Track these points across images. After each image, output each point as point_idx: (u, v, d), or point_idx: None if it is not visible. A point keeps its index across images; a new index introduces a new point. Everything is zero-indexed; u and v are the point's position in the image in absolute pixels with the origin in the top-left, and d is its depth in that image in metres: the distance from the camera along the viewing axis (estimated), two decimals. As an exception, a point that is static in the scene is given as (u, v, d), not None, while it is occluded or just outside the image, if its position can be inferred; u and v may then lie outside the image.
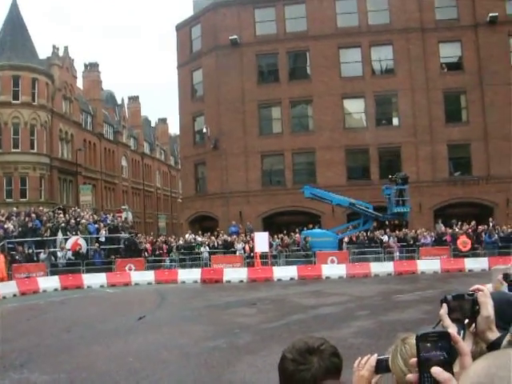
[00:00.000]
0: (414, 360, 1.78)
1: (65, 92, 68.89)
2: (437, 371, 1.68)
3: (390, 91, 50.61)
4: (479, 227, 40.86)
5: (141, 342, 16.38)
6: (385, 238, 40.06)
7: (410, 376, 1.81)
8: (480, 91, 49.25)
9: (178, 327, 18.63)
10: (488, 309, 2.15)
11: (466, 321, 2.17)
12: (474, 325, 2.17)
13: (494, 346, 2.10)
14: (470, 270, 34.47)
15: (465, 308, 2.14)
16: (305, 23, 52.71)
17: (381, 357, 2.61)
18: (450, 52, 51.22)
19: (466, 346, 1.84)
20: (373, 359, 2.64)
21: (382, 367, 2.60)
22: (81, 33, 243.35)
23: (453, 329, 1.96)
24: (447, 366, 1.71)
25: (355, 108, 52.48)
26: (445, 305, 2.09)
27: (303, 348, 2.50)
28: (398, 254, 38.76)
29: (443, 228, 41.56)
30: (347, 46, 51.48)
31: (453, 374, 1.71)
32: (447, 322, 2.03)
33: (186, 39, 58.75)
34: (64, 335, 17.83)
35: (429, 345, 1.75)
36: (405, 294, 24.92)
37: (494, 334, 2.13)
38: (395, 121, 51.90)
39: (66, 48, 71.38)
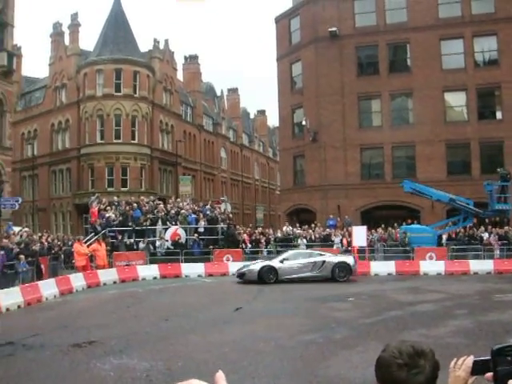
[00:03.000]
0: (490, 374, 1.79)
1: (165, 84, 70.25)
2: None
3: (493, 83, 49.34)
4: None
5: (237, 332, 16.48)
6: (485, 236, 39.13)
7: None
8: None
9: (274, 319, 18.68)
10: None
11: None
12: None
13: None
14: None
15: None
16: (405, 14, 52.05)
17: (478, 358, 2.61)
18: (559, 41, 49.47)
19: None
20: (469, 360, 2.64)
21: (478, 369, 2.60)
22: (180, 26, 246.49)
23: None
24: None
25: (456, 101, 51.54)
26: None
27: (412, 352, 2.48)
28: (498, 252, 37.69)
29: (547, 226, 40.36)
30: (449, 37, 50.47)
31: None
32: None
33: (285, 31, 58.87)
34: (162, 323, 18.16)
35: (506, 359, 1.76)
36: (505, 293, 24.26)
37: None
38: (498, 114, 50.61)
39: (166, 41, 72.86)
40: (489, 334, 15.13)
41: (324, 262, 30.49)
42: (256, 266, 30.48)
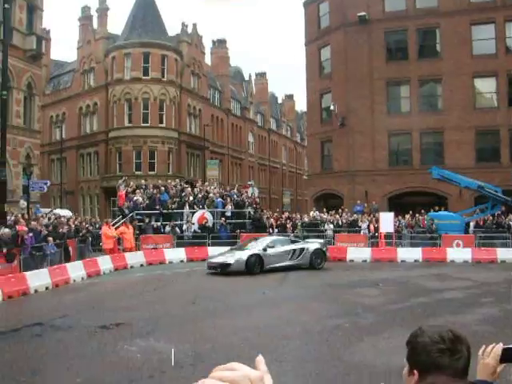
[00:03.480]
0: None
1: (193, 68, 70.36)
2: None
3: (524, 70, 48.74)
4: None
5: (263, 317, 16.55)
6: (513, 224, 38.86)
7: None
8: None
9: (300, 304, 18.71)
10: None
11: None
12: None
13: None
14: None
15: None
16: (435, -1, 51.47)
17: (507, 346, 2.60)
18: None
19: None
20: (498, 348, 2.65)
21: (507, 356, 2.59)
22: (208, 10, 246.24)
23: None
24: None
25: (486, 87, 50.94)
26: None
27: (453, 338, 2.50)
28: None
29: None
30: (480, 22, 49.72)
31: None
32: None
33: (314, 16, 58.52)
34: (189, 306, 18.25)
35: None
36: (533, 282, 24.13)
37: None
38: (529, 102, 49.98)
39: (194, 25, 73.11)
40: (516, 322, 15.08)
41: (303, 249, 29.48)
42: (242, 254, 28.03)
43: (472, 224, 39.44)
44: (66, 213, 42.39)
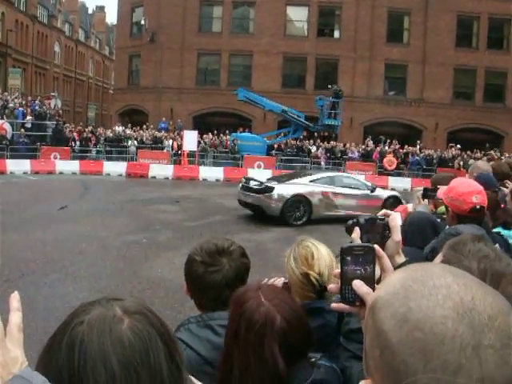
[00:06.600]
0: (337, 271, 1.76)
1: (-3, -35, 66.12)
2: (358, 284, 1.68)
3: (334, 2, 50.10)
4: (408, 148, 41.53)
5: (60, 231, 16.30)
6: (313, 149, 40.44)
7: (332, 286, 1.81)
8: (424, 14, 49.15)
9: (99, 219, 18.54)
10: (398, 233, 2.15)
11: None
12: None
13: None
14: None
15: (376, 232, 2.13)
16: None
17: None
18: (399, -30, 50.66)
19: (389, 262, 1.87)
20: (279, 282, 2.83)
21: None
22: None
23: None
24: (369, 280, 1.71)
25: (298, 16, 51.79)
26: (357, 228, 2.07)
27: (212, 249, 2.55)
28: (324, 165, 39.19)
29: (372, 144, 42.00)
30: (296, -50, 50.39)
31: (374, 289, 1.67)
32: None
33: None
34: (-19, 221, 17.54)
35: (353, 258, 1.73)
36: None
37: (401, 258, 2.16)
38: (336, 33, 51.69)
39: None
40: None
41: None
42: None
43: (275, 147, 40.55)
44: None
